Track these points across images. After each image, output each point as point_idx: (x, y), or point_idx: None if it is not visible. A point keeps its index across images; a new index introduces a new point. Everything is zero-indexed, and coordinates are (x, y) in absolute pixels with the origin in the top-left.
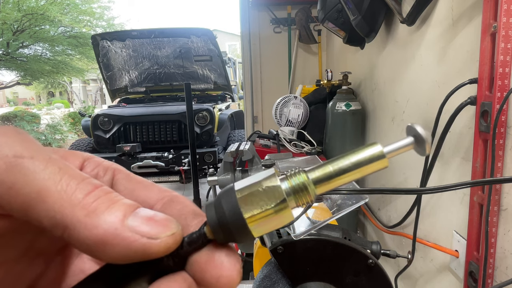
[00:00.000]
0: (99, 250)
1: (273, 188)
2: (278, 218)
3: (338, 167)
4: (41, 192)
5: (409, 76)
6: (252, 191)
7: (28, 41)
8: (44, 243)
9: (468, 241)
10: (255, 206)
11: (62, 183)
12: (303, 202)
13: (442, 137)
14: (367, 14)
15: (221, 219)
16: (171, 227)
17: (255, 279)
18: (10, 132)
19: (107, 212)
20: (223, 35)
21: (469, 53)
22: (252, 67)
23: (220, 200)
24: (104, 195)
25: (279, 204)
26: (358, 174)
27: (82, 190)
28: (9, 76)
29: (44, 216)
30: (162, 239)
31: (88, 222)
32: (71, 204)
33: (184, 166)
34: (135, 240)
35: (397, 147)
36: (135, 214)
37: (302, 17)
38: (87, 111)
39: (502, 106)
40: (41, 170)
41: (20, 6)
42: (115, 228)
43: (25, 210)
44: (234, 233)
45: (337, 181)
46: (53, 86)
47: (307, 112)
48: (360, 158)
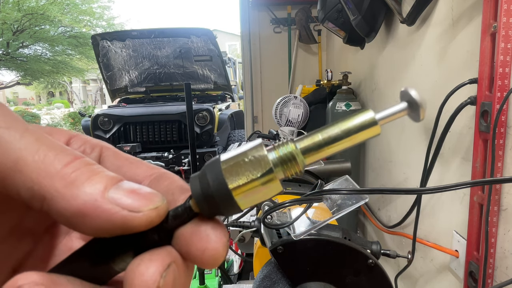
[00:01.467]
0: (79, 222)
1: (259, 158)
2: (264, 188)
3: (328, 135)
4: (17, 162)
5: (409, 76)
6: (237, 161)
7: (28, 41)
8: (32, 222)
9: (468, 241)
10: (241, 176)
11: (40, 153)
12: (292, 172)
13: (442, 137)
14: (367, 14)
15: (205, 191)
16: (155, 200)
17: (255, 279)
18: None
19: (87, 183)
20: (223, 35)
21: (469, 53)
22: (252, 67)
23: (205, 171)
24: (84, 166)
25: (266, 174)
26: (349, 142)
27: (61, 160)
28: (9, 76)
29: (21, 187)
30: (144, 213)
31: (66, 193)
32: (49, 175)
33: (184, 166)
34: (116, 213)
35: (390, 113)
36: (117, 186)
37: (302, 17)
38: (87, 111)
39: (502, 106)
40: (17, 140)
41: (20, 6)
42: (95, 199)
43: (2, 181)
44: (219, 205)
45: (327, 150)
46: (53, 86)
47: (307, 112)
48: (351, 125)
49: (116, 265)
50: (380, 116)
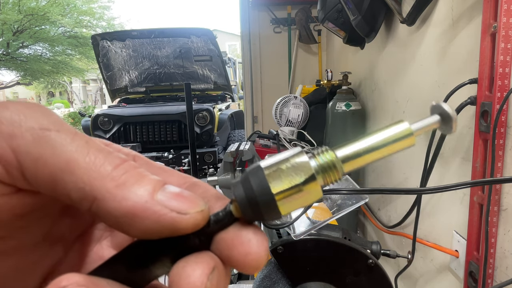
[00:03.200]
0: (128, 222)
1: (302, 164)
2: (306, 194)
3: (366, 144)
4: (69, 163)
5: (409, 76)
6: (280, 167)
7: (28, 41)
8: (64, 229)
9: (468, 241)
10: (284, 182)
11: (90, 155)
12: (331, 179)
13: (442, 137)
14: (367, 14)
15: (249, 195)
16: (200, 203)
17: (255, 279)
18: (34, 106)
19: (137, 185)
20: (223, 35)
21: (469, 53)
22: (252, 67)
23: (248, 177)
24: (132, 169)
25: (308, 180)
26: (386, 152)
27: (111, 162)
28: (9, 76)
29: (72, 188)
30: (192, 215)
31: (118, 194)
32: (101, 176)
33: (184, 166)
34: (165, 214)
35: (424, 125)
36: (163, 189)
37: (302, 17)
38: (87, 111)
39: (502, 106)
40: (68, 142)
41: (21, 7)
42: (145, 201)
43: (53, 182)
44: (262, 210)
45: (365, 158)
46: (53, 86)
47: (307, 112)
48: (388, 136)
49: (156, 269)
50: (415, 127)
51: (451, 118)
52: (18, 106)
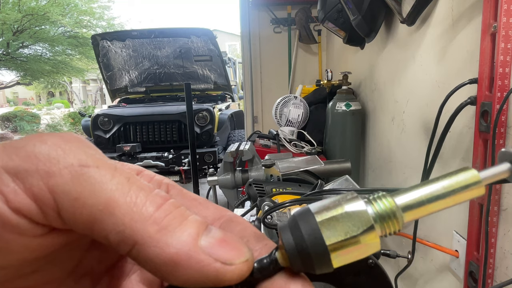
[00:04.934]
0: (169, 271)
1: (359, 213)
2: (363, 247)
3: (430, 192)
4: (109, 204)
5: (409, 76)
6: (334, 215)
7: (28, 41)
8: (93, 262)
9: (468, 241)
10: (339, 232)
11: (131, 194)
12: (390, 230)
13: (442, 137)
14: (367, 14)
15: (299, 245)
16: (245, 251)
17: None
18: (73, 139)
19: (180, 229)
20: (223, 35)
21: (469, 53)
22: (252, 67)
23: (297, 222)
24: (175, 210)
25: (367, 231)
26: (452, 202)
27: (153, 203)
28: (9, 76)
29: (111, 230)
30: (237, 265)
31: (160, 240)
32: (142, 218)
33: (184, 166)
34: (209, 264)
35: (494, 173)
36: (207, 233)
37: (302, 17)
38: (87, 111)
39: (502, 106)
40: (108, 180)
41: (21, 7)
42: (189, 248)
43: (91, 223)
44: (314, 262)
45: (428, 208)
46: (53, 86)
47: (307, 112)
48: (454, 183)
49: None
50: (484, 175)
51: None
52: (56, 140)
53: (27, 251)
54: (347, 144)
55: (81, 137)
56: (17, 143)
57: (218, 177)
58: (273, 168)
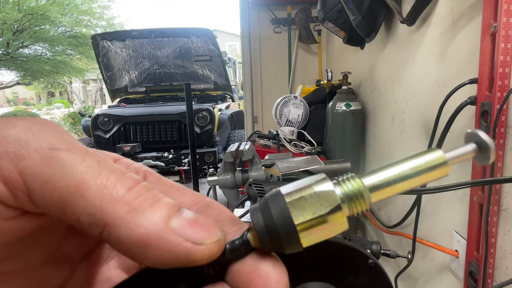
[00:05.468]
0: (139, 251)
1: (327, 193)
2: (331, 225)
3: (397, 172)
4: (79, 186)
5: (409, 76)
6: (302, 195)
7: (28, 41)
8: (70, 248)
9: (468, 241)
10: (307, 212)
11: (102, 177)
12: (358, 210)
13: (442, 137)
14: (367, 14)
15: (269, 225)
16: (216, 232)
17: None
18: (43, 123)
19: (150, 210)
20: (223, 35)
21: (469, 53)
22: (252, 67)
23: (267, 204)
24: (146, 192)
25: (334, 211)
26: (418, 181)
27: (124, 185)
28: (9, 76)
29: (82, 212)
30: (207, 245)
31: (130, 220)
32: (113, 200)
33: (184, 166)
34: (179, 244)
35: (459, 154)
36: (178, 215)
37: (302, 17)
38: (87, 111)
39: (502, 106)
40: (79, 163)
41: (20, 6)
42: (159, 229)
43: (62, 206)
44: (282, 241)
45: (395, 188)
46: (53, 86)
47: (307, 112)
48: (420, 164)
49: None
50: (449, 156)
51: (489, 147)
52: (26, 123)
53: (0, 234)
54: (347, 144)
55: (52, 121)
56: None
57: (218, 177)
58: (273, 168)
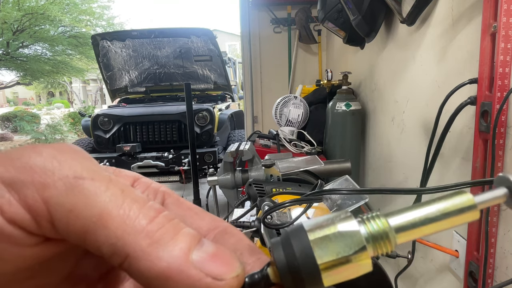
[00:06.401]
0: (160, 284)
1: (351, 233)
2: (354, 267)
3: (424, 214)
4: (102, 216)
5: (409, 76)
6: (326, 234)
7: (28, 41)
8: (87, 268)
9: (468, 241)
10: (331, 252)
11: (125, 206)
12: (383, 251)
13: (442, 137)
14: (367, 14)
15: (290, 263)
16: (236, 266)
17: None
18: (69, 150)
19: (172, 243)
20: (223, 35)
21: (469, 53)
22: (252, 67)
23: (289, 239)
24: (167, 223)
25: (358, 252)
26: (446, 225)
27: (146, 215)
28: (9, 76)
29: (103, 242)
30: (227, 281)
31: (152, 253)
32: (135, 231)
33: (184, 166)
34: (200, 280)
35: (490, 198)
36: (199, 247)
37: (302, 17)
38: (87, 111)
39: (502, 106)
40: (102, 192)
41: (20, 6)
42: (180, 263)
43: (84, 234)
44: (304, 280)
45: (422, 230)
46: (53, 86)
47: (307, 112)
48: (449, 207)
49: None
50: (479, 200)
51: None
52: (52, 152)
53: (21, 260)
54: (347, 144)
55: (77, 147)
56: (12, 154)
57: (218, 177)
58: (273, 168)
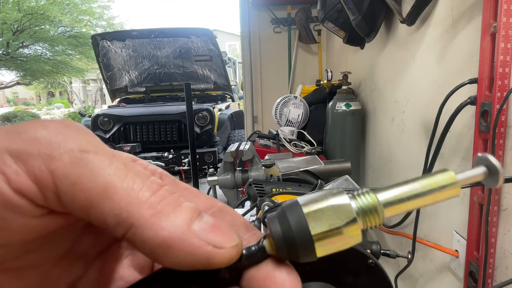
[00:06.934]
0: (162, 252)
1: (343, 206)
2: (345, 238)
3: (409, 190)
4: (107, 188)
5: (409, 76)
6: (319, 207)
7: (28, 41)
8: (85, 245)
9: (468, 241)
10: (324, 223)
11: (128, 179)
12: (372, 224)
13: (442, 137)
14: (367, 14)
15: (286, 234)
16: (234, 237)
17: None
18: (73, 125)
19: (174, 214)
20: (223, 35)
21: (469, 53)
22: (252, 67)
23: (285, 213)
24: (169, 195)
25: (349, 223)
26: (429, 200)
27: (149, 188)
28: (9, 76)
29: (108, 213)
30: (227, 249)
31: (155, 223)
32: (138, 202)
33: (184, 166)
34: (200, 247)
35: (470, 176)
36: (200, 218)
37: (302, 17)
38: (87, 111)
39: (502, 106)
40: (107, 165)
41: (20, 6)
42: (181, 232)
43: (88, 207)
44: (298, 250)
45: (407, 205)
46: (53, 86)
47: (307, 112)
48: (432, 183)
49: None
50: (460, 177)
51: (498, 171)
52: (57, 126)
53: (26, 231)
54: (347, 144)
55: (80, 124)
56: (19, 127)
57: (218, 177)
58: (273, 168)
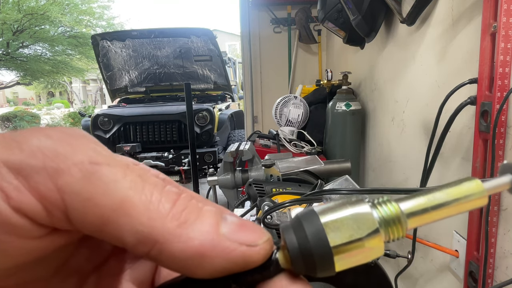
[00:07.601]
0: (196, 264)
1: (364, 216)
2: (367, 251)
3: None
4: (123, 203)
5: (409, 76)
6: (338, 217)
7: (28, 41)
8: (80, 260)
9: (468, 241)
10: (343, 234)
11: (146, 192)
12: (394, 236)
13: (442, 137)
14: (367, 14)
15: (303, 246)
16: (263, 231)
17: None
18: (78, 134)
19: (199, 221)
20: (223, 35)
21: (469, 53)
22: (252, 67)
23: (301, 223)
24: (189, 203)
25: (371, 235)
26: (455, 210)
27: (168, 199)
28: (9, 76)
29: (127, 230)
30: (261, 246)
31: (182, 234)
32: (160, 216)
33: (184, 166)
34: (235, 249)
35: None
36: (225, 221)
37: (302, 17)
38: (87, 111)
39: (502, 106)
40: (121, 178)
41: (20, 6)
42: (212, 238)
43: (103, 224)
44: (316, 264)
45: (432, 215)
46: (53, 86)
47: (307, 112)
48: (458, 192)
49: None
50: (487, 186)
51: None
52: (62, 134)
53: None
54: (347, 144)
55: (85, 132)
56: (17, 136)
57: (218, 177)
58: (273, 168)
